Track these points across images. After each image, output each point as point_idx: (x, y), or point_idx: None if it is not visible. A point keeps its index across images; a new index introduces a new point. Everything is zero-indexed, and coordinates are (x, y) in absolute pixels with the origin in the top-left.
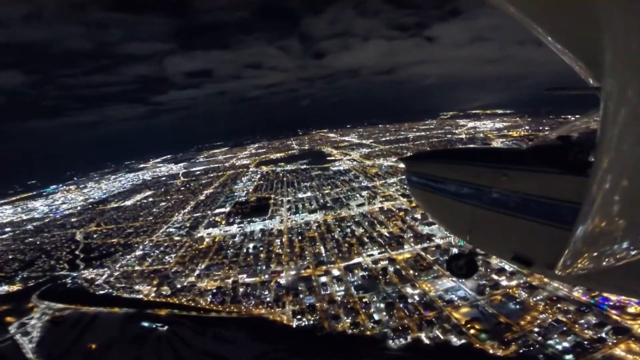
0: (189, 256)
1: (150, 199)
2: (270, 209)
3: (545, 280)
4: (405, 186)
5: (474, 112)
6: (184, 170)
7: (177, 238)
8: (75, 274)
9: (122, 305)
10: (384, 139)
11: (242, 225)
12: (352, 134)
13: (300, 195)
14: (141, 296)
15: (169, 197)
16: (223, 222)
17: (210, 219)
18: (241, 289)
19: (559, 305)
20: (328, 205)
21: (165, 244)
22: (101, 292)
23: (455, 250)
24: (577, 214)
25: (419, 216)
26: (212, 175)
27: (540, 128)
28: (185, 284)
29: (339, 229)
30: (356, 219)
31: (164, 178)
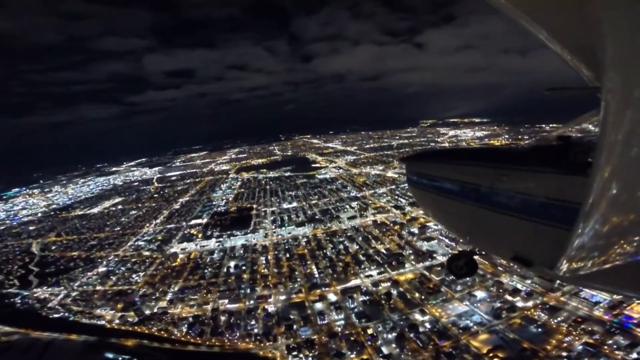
0: (160, 275)
1: (120, 207)
2: (253, 220)
3: (563, 299)
4: (397, 197)
5: (452, 120)
6: (158, 175)
7: (146, 253)
8: (26, 293)
9: (81, 332)
10: (368, 146)
11: (221, 239)
12: (335, 141)
13: (285, 206)
14: (103, 322)
15: (140, 205)
16: (199, 235)
17: (185, 232)
18: (223, 318)
19: (583, 326)
20: (317, 217)
21: (133, 260)
22: (56, 315)
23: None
24: (577, 214)
25: (415, 230)
26: (188, 181)
27: (519, 137)
28: (155, 309)
29: (330, 245)
30: (348, 234)
31: (137, 183)
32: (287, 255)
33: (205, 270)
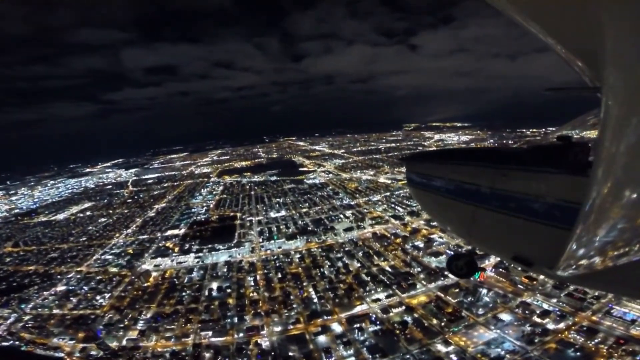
0: (130, 298)
1: (89, 213)
2: (237, 232)
3: (595, 318)
4: (393, 206)
5: (434, 124)
6: (134, 178)
7: (114, 269)
8: None
9: None
10: (355, 149)
11: (201, 254)
12: (322, 143)
13: (273, 215)
14: (62, 355)
15: (111, 212)
16: (176, 249)
17: (160, 244)
18: (207, 355)
19: (624, 347)
20: (309, 228)
21: (98, 278)
22: (4, 344)
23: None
24: (577, 214)
25: (420, 244)
26: (166, 185)
27: (503, 141)
28: (124, 341)
29: (328, 262)
30: (346, 248)
31: (110, 186)
32: (279, 275)
33: (183, 293)
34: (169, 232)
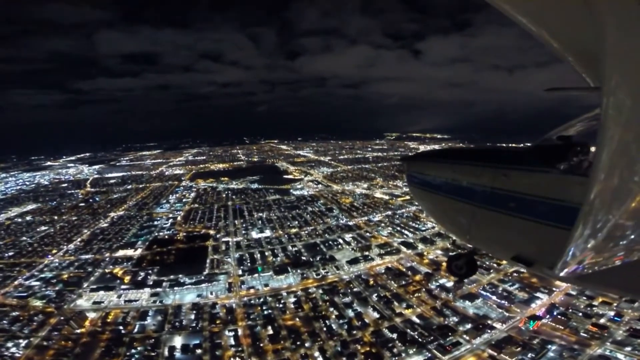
0: (54, 351)
1: (29, 218)
2: (209, 258)
3: None
4: (400, 229)
5: (415, 135)
6: (96, 176)
7: (37, 303)
8: None
9: None
10: (341, 157)
11: (159, 289)
12: (306, 148)
13: (255, 235)
14: None
15: (56, 218)
16: (127, 279)
17: (107, 270)
18: None
19: None
20: (303, 258)
21: (13, 315)
22: None
23: None
24: (577, 214)
25: (446, 282)
26: (130, 187)
27: None
28: None
29: (334, 311)
30: (354, 289)
31: (66, 184)
32: (270, 330)
33: (133, 351)
34: (121, 253)
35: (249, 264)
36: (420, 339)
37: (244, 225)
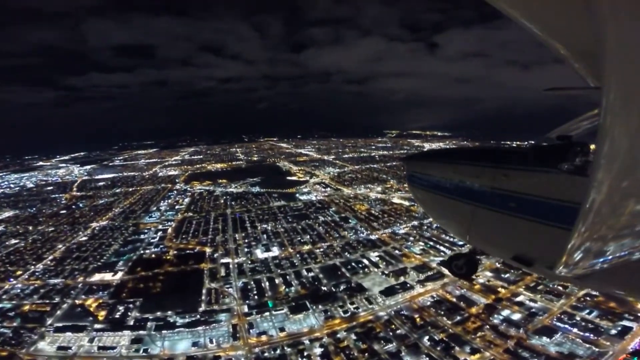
0: None
1: (2, 228)
2: (205, 287)
3: None
4: (433, 244)
5: (415, 132)
6: (85, 178)
7: None
8: None
9: None
10: (346, 156)
11: (142, 332)
12: (307, 146)
13: (260, 254)
14: None
15: (31, 228)
16: (101, 315)
17: (77, 301)
18: None
19: None
20: (323, 287)
21: None
22: None
23: None
24: (577, 214)
25: (512, 314)
26: (119, 190)
27: None
28: None
29: None
30: (397, 330)
31: (51, 187)
32: None
33: None
34: (97, 277)
35: (256, 297)
36: None
37: (245, 240)
